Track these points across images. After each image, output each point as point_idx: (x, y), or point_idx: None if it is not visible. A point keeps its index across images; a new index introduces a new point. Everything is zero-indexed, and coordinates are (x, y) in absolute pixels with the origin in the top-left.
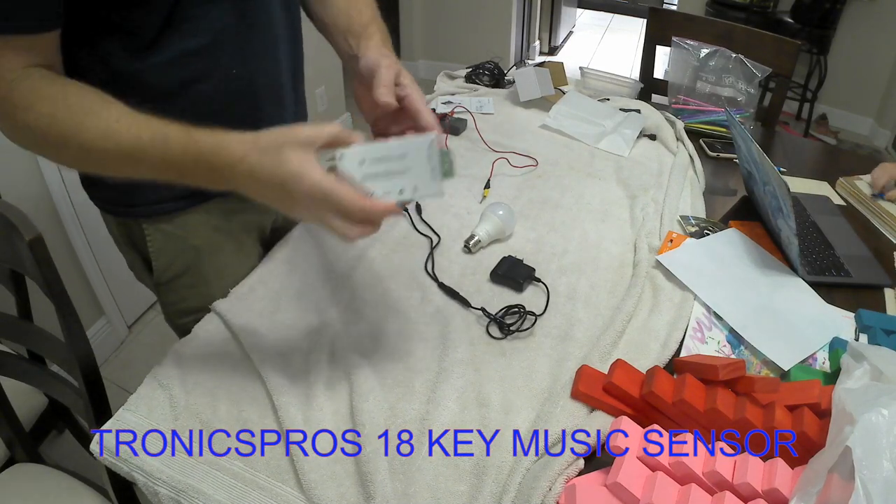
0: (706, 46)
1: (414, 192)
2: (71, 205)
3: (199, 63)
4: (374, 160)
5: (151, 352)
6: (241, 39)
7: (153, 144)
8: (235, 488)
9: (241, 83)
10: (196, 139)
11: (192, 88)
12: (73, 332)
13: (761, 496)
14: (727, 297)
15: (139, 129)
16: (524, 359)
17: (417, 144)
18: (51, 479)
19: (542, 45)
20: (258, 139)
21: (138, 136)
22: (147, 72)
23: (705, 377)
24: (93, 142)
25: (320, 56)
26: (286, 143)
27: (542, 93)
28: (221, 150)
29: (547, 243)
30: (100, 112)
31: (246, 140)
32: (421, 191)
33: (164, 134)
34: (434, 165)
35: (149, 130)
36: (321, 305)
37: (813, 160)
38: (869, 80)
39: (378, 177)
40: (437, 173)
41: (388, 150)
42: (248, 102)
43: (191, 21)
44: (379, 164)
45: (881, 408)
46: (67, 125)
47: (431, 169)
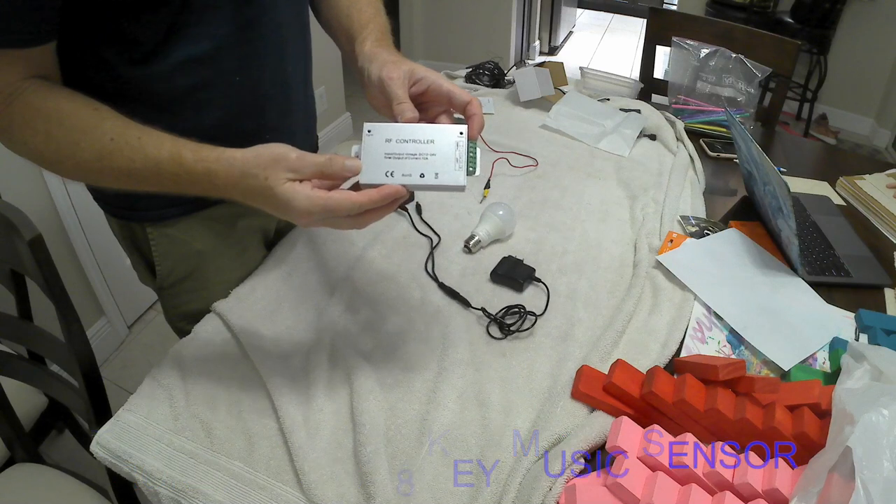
0: (706, 46)
1: (435, 178)
2: (71, 205)
3: (201, 70)
4: (402, 141)
5: (151, 352)
6: (244, 47)
7: (146, 167)
8: (235, 488)
9: (244, 90)
10: (187, 168)
11: (194, 96)
12: (73, 332)
13: (761, 496)
14: (727, 297)
15: (132, 151)
16: (524, 359)
17: (448, 132)
18: (51, 479)
19: (542, 45)
20: (244, 167)
21: (131, 158)
22: (149, 79)
23: (705, 377)
24: (88, 161)
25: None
26: (270, 177)
27: (542, 93)
28: (213, 177)
29: (547, 243)
30: (94, 131)
31: (234, 167)
32: (442, 178)
33: (155, 162)
34: (460, 156)
35: (141, 155)
36: (321, 305)
37: (813, 160)
38: (869, 80)
39: (402, 157)
40: (463, 164)
41: (417, 132)
42: (252, 109)
43: (194, 28)
44: (405, 145)
45: (881, 408)
46: (63, 144)
47: (457, 159)
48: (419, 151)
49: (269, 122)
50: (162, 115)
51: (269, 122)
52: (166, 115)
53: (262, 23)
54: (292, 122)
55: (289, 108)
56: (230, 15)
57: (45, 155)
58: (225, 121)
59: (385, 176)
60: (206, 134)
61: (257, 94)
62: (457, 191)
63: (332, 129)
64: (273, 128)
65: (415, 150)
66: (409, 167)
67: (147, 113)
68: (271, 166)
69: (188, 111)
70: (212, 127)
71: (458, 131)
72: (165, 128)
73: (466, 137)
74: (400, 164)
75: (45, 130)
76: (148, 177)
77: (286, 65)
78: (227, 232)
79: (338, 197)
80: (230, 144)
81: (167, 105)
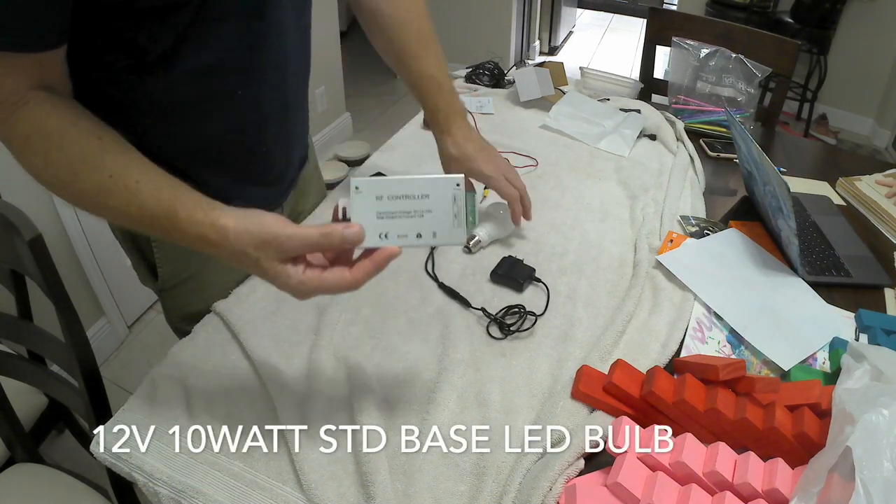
0: (706, 46)
1: (433, 237)
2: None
3: (205, 82)
4: (394, 198)
5: (151, 352)
6: (249, 61)
7: (141, 216)
8: (235, 488)
9: (247, 103)
10: (181, 229)
11: (197, 107)
12: (73, 332)
13: (761, 496)
14: (727, 297)
15: (129, 196)
16: (524, 359)
17: (443, 185)
18: (51, 479)
19: (542, 45)
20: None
21: (128, 202)
22: (153, 88)
23: (705, 377)
24: (87, 193)
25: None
26: (262, 258)
27: (542, 93)
28: (205, 243)
29: (547, 243)
30: (93, 163)
31: (228, 241)
32: (440, 237)
33: (150, 215)
34: (458, 210)
35: (137, 203)
36: (321, 306)
37: (813, 160)
38: (869, 80)
39: (395, 216)
40: (462, 219)
41: (409, 187)
42: (253, 122)
43: (200, 39)
44: (398, 202)
45: (881, 408)
46: (61, 170)
47: (455, 214)
48: (414, 208)
49: (269, 136)
50: (163, 124)
51: (269, 136)
52: (168, 123)
53: (268, 37)
54: (290, 136)
55: (287, 122)
56: (236, 28)
57: (44, 178)
58: (226, 132)
59: (379, 238)
60: (206, 143)
61: (259, 107)
62: (457, 246)
63: (333, 129)
64: (272, 141)
65: (409, 208)
66: (404, 227)
67: (149, 121)
68: (262, 248)
69: (190, 121)
70: (212, 137)
71: (455, 182)
72: (167, 136)
73: (464, 188)
74: (394, 223)
75: (44, 151)
76: (142, 225)
77: (287, 80)
78: None
79: (331, 279)
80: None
81: (169, 114)
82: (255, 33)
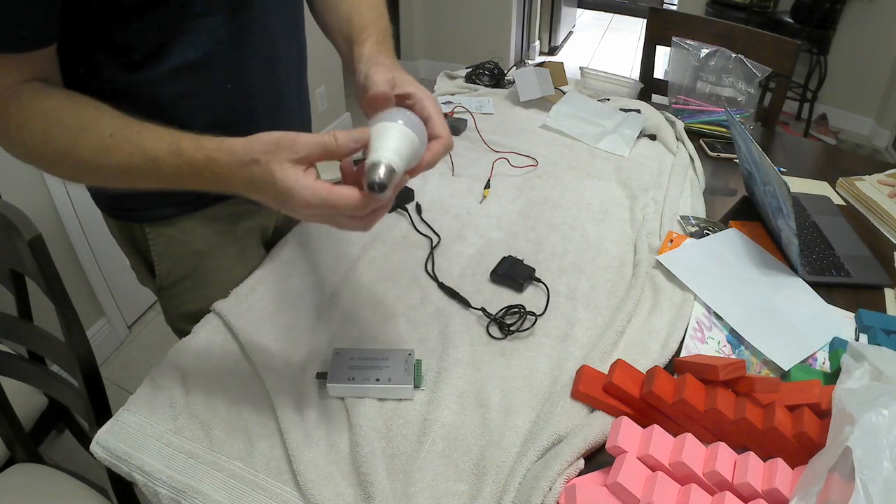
0: (706, 46)
1: (388, 382)
2: (71, 205)
3: (193, 77)
4: (361, 359)
5: (151, 352)
6: (235, 54)
7: (145, 162)
8: (235, 488)
9: (236, 97)
10: (187, 159)
11: (186, 102)
12: (73, 332)
13: (761, 496)
14: (727, 297)
15: (132, 147)
16: (524, 359)
17: (397, 354)
18: (51, 479)
19: (542, 45)
20: (245, 153)
21: (130, 153)
22: (141, 85)
23: (705, 377)
24: (87, 159)
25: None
26: (272, 161)
27: (542, 93)
28: (214, 166)
29: (547, 243)
30: (93, 128)
31: (235, 154)
32: (394, 383)
33: (154, 156)
34: (408, 370)
35: (140, 149)
36: (321, 305)
37: (813, 160)
38: (869, 80)
39: (361, 368)
40: (410, 378)
41: (373, 353)
42: (244, 116)
43: (186, 35)
44: (364, 360)
45: (881, 408)
46: (62, 142)
47: (405, 371)
48: (375, 365)
49: (262, 129)
50: (154, 119)
51: (262, 129)
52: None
53: (253, 29)
54: (286, 127)
55: (281, 114)
56: (222, 22)
57: (45, 154)
58: (217, 127)
59: (347, 380)
60: None
61: (249, 100)
62: (406, 397)
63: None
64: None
65: (371, 364)
66: (367, 374)
67: (139, 117)
68: (272, 150)
69: (180, 117)
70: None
71: (406, 353)
72: None
73: (414, 357)
74: (359, 372)
75: (42, 130)
76: (147, 172)
77: (278, 71)
78: (227, 231)
79: (341, 191)
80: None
81: (158, 111)
82: (240, 26)
